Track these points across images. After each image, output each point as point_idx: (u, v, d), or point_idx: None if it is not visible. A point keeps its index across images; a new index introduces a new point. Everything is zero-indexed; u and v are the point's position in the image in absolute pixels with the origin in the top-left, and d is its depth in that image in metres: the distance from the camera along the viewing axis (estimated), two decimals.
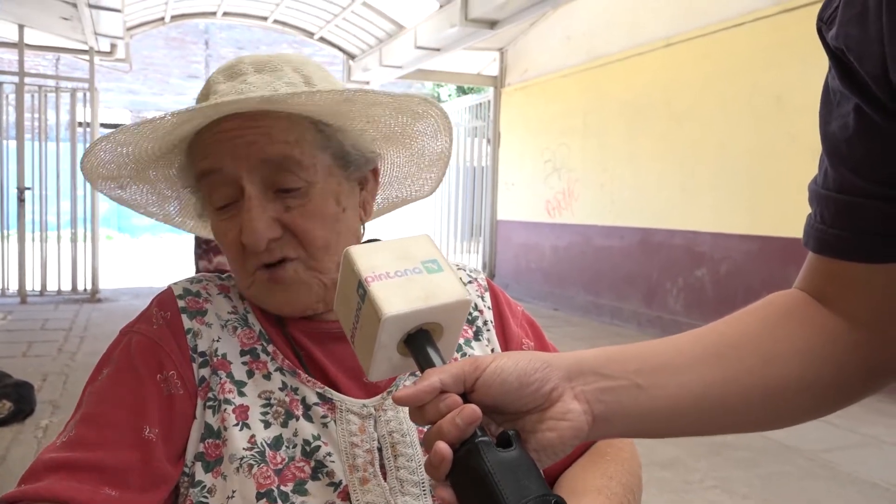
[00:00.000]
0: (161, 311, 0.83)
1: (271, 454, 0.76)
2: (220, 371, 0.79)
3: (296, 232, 0.81)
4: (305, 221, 0.81)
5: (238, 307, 0.87)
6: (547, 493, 0.53)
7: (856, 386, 0.64)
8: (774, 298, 0.67)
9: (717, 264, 6.15)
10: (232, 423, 0.76)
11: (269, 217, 0.79)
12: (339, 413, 0.80)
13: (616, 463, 0.86)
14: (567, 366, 0.60)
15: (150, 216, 1.00)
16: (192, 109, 0.75)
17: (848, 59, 0.54)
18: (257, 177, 0.79)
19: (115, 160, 0.84)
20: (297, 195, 0.80)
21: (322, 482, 0.76)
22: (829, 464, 3.47)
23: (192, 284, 0.88)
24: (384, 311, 0.62)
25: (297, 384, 0.81)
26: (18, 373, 4.23)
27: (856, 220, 0.59)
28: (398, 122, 0.89)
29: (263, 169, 0.79)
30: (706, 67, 6.21)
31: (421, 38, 8.40)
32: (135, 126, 0.77)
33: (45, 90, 8.13)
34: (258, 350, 0.83)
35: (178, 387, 0.78)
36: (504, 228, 9.86)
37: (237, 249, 0.82)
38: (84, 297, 8.20)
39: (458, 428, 0.55)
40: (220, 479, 0.74)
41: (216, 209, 0.83)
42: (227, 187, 0.81)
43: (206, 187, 0.83)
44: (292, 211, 0.80)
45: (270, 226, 0.79)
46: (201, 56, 18.51)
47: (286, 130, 0.80)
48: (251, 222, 0.78)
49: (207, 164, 0.81)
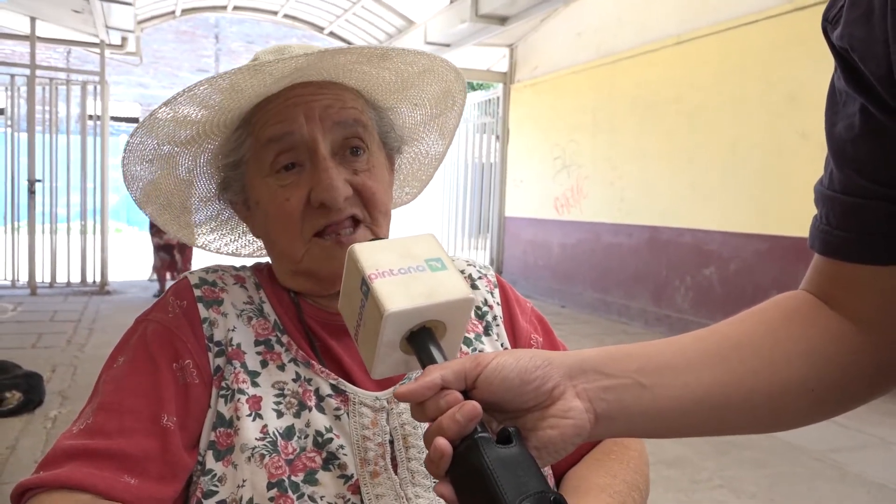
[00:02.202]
0: (177, 300, 0.84)
1: (283, 444, 0.76)
2: (235, 361, 0.80)
3: (364, 193, 0.84)
4: (372, 183, 0.85)
5: (254, 297, 0.87)
6: (546, 490, 0.53)
7: (861, 388, 0.64)
8: (780, 300, 0.66)
9: (725, 263, 6.12)
10: (245, 413, 0.77)
11: (343, 178, 0.83)
12: (351, 405, 0.80)
13: (621, 461, 0.86)
14: (569, 364, 0.60)
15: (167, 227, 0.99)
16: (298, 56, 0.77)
17: (853, 59, 0.53)
18: (329, 139, 0.83)
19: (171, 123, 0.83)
20: (362, 160, 0.86)
21: (333, 473, 0.76)
22: (836, 464, 3.46)
23: (208, 274, 0.88)
24: (387, 307, 0.62)
25: (311, 375, 0.81)
26: (28, 364, 4.27)
27: (861, 221, 0.58)
28: (428, 111, 0.99)
29: (336, 131, 0.84)
30: (717, 65, 6.17)
31: (431, 33, 8.39)
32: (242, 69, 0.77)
33: (56, 83, 8.18)
34: (272, 341, 0.83)
35: (193, 376, 0.78)
36: (512, 225, 9.84)
37: (297, 215, 0.82)
38: (93, 289, 8.25)
39: (458, 424, 0.55)
40: (230, 467, 0.75)
41: (278, 174, 0.84)
42: (297, 151, 0.83)
43: (272, 152, 0.83)
44: (360, 174, 0.85)
45: (345, 184, 0.82)
46: (211, 50, 18.56)
47: (354, 98, 0.88)
48: (331, 179, 0.81)
49: (279, 128, 0.83)
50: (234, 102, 0.82)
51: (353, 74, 0.87)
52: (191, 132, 0.86)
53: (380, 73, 0.89)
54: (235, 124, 0.87)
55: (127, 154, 0.85)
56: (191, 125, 0.84)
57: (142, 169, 0.89)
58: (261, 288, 0.89)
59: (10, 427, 3.58)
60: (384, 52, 0.83)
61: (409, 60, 0.88)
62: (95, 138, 8.25)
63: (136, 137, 0.83)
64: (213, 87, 0.78)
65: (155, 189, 0.93)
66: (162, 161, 0.89)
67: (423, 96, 0.97)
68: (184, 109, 0.81)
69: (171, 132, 0.85)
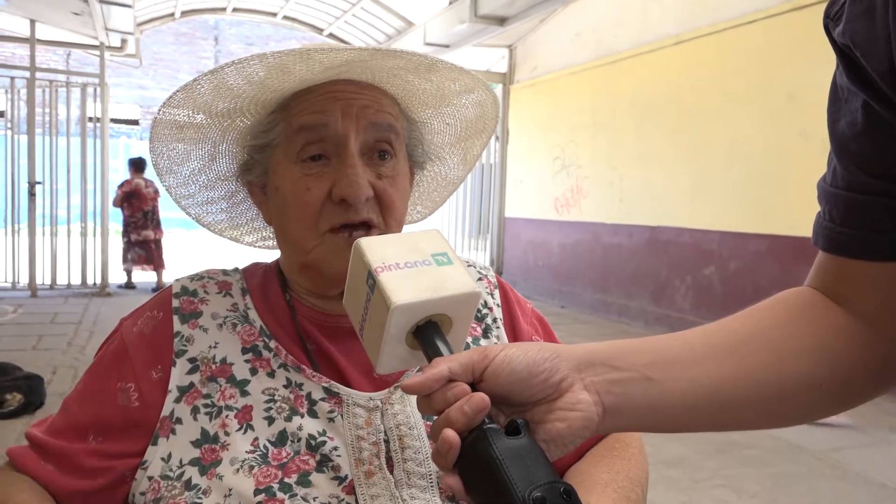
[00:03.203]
0: (154, 311, 0.86)
1: (275, 451, 0.76)
2: (220, 378, 0.80)
3: (383, 199, 0.84)
4: (394, 191, 0.85)
5: (238, 304, 0.87)
6: (556, 481, 0.52)
7: (866, 384, 0.64)
8: (785, 296, 0.66)
9: (725, 263, 6.12)
10: (235, 429, 0.77)
11: (366, 179, 0.83)
12: (345, 407, 0.80)
13: (623, 458, 0.86)
14: (577, 357, 0.60)
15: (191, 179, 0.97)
16: (351, 49, 0.78)
17: (855, 55, 0.54)
18: (361, 138, 0.83)
19: (212, 92, 0.83)
20: (388, 165, 0.86)
21: (327, 475, 0.76)
22: (837, 463, 3.46)
23: (192, 282, 0.89)
24: (393, 300, 0.62)
25: (303, 380, 0.81)
26: (29, 365, 4.27)
27: (865, 217, 0.58)
28: (457, 132, 1.00)
29: (370, 132, 0.84)
30: (717, 65, 6.17)
31: (430, 34, 8.39)
32: (294, 52, 0.77)
33: (55, 85, 8.18)
34: (260, 347, 0.83)
35: (132, 399, 0.80)
36: (512, 225, 9.85)
37: (315, 206, 0.82)
38: (93, 290, 8.25)
39: (466, 416, 0.55)
40: (215, 479, 0.74)
41: (304, 163, 0.83)
42: (328, 143, 0.83)
43: (302, 140, 0.83)
44: (383, 179, 0.85)
45: (367, 185, 0.82)
46: (211, 52, 18.56)
47: (391, 105, 0.88)
48: (356, 177, 0.81)
49: (315, 118, 0.83)
50: (279, 83, 0.81)
51: (396, 80, 0.87)
52: (228, 105, 0.85)
53: (422, 84, 0.90)
54: (272, 107, 0.87)
55: (163, 110, 0.84)
56: (231, 98, 0.84)
57: (171, 134, 0.89)
58: (247, 293, 0.89)
59: (11, 429, 3.58)
60: (432, 62, 0.84)
61: (453, 77, 0.89)
62: (95, 140, 8.24)
63: (180, 94, 0.82)
64: (262, 63, 0.78)
65: (179, 157, 0.93)
66: (193, 130, 0.89)
67: (457, 116, 0.98)
68: (229, 80, 0.81)
69: (209, 101, 0.84)
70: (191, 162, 0.94)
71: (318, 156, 0.83)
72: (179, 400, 0.79)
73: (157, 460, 0.77)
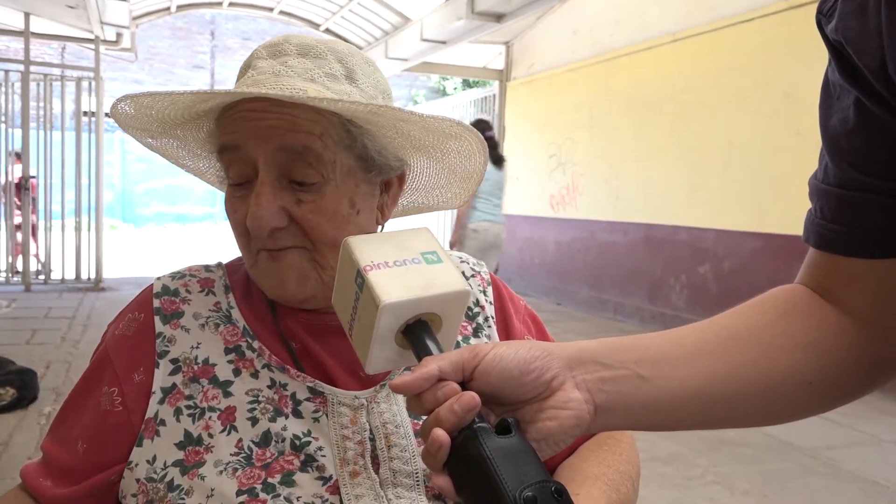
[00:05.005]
0: (136, 313, 0.84)
1: (259, 452, 0.75)
2: (202, 379, 0.79)
3: (303, 226, 0.79)
4: (315, 217, 0.78)
5: (221, 302, 0.85)
6: (547, 480, 0.52)
7: (857, 381, 0.64)
8: (776, 293, 0.66)
9: (720, 261, 6.13)
10: (218, 430, 0.76)
11: (278, 206, 0.77)
12: (330, 406, 0.79)
13: (614, 452, 0.86)
14: (568, 355, 0.60)
15: (183, 168, 0.97)
16: (209, 91, 0.75)
17: (847, 52, 0.53)
18: (274, 163, 0.77)
19: (140, 116, 0.83)
20: (310, 190, 0.78)
21: (311, 475, 0.75)
22: (829, 461, 3.47)
23: (173, 281, 0.86)
24: (382, 298, 0.61)
25: (287, 380, 0.80)
26: (22, 360, 4.25)
27: (856, 214, 0.58)
28: (429, 138, 0.85)
29: (281, 156, 0.76)
30: (713, 63, 6.18)
31: (427, 30, 8.38)
32: (155, 95, 0.76)
33: (50, 79, 8.14)
34: (243, 347, 0.81)
35: (115, 404, 0.79)
36: (508, 222, 9.82)
37: (243, 228, 0.80)
38: (88, 285, 8.23)
39: (455, 415, 0.54)
40: (196, 479, 0.73)
41: (231, 185, 0.82)
42: (245, 166, 0.78)
43: (226, 161, 0.81)
44: (303, 205, 0.78)
45: (277, 214, 0.77)
46: (207, 46, 18.49)
47: (312, 122, 0.76)
48: (258, 208, 0.76)
49: (229, 139, 0.79)
50: (187, 112, 0.82)
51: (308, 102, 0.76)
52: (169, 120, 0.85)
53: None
54: (215, 114, 0.84)
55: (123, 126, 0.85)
56: (158, 120, 0.85)
57: (141, 135, 0.89)
58: (230, 291, 0.87)
59: (4, 423, 3.57)
60: (332, 102, 0.73)
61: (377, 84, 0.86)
62: (90, 135, 8.20)
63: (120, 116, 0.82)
64: (172, 102, 0.78)
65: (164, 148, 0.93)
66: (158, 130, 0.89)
67: (403, 125, 0.82)
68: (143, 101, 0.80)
69: (143, 122, 0.85)
70: (177, 152, 0.94)
71: (241, 182, 0.81)
72: (163, 401, 0.78)
73: (142, 462, 0.76)
